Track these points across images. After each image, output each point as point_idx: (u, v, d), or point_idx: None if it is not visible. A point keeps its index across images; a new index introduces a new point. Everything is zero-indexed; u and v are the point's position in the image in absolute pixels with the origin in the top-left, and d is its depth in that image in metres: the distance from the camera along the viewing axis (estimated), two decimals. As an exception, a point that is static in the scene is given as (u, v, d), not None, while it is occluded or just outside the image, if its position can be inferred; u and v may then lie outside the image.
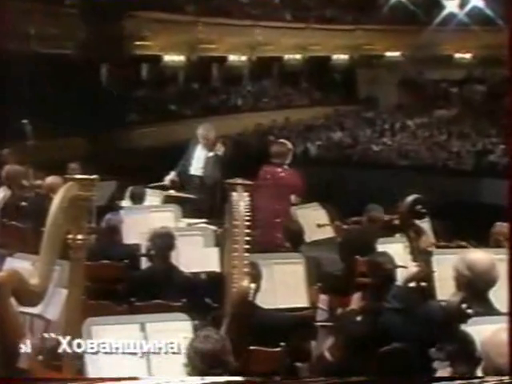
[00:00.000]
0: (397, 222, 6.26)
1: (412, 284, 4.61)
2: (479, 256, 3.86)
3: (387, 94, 21.67)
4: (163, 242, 5.23)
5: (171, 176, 8.47)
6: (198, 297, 5.14)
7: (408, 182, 11.83)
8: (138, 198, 7.42)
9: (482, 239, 5.90)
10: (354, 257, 6.09)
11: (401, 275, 4.63)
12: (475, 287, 3.72)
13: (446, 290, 4.29)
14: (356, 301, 4.61)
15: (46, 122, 12.63)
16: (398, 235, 6.06)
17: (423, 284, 4.51)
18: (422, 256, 4.42)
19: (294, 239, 6.00)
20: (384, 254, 4.71)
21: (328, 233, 7.22)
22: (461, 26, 21.18)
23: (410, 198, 4.32)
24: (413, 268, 4.50)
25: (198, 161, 8.58)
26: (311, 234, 7.02)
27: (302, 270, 5.28)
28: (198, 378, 3.10)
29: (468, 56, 21.75)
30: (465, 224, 6.10)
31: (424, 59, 21.28)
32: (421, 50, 21.42)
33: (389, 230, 6.40)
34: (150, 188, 7.85)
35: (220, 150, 8.62)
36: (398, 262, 4.69)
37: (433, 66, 21.47)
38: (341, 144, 18.02)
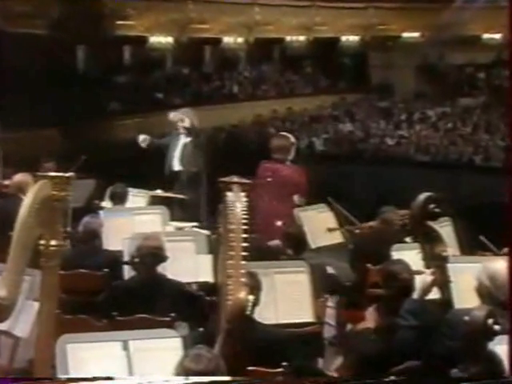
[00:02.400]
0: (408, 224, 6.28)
1: (428, 296, 4.62)
2: (502, 265, 3.87)
3: (404, 81, 21.69)
4: (149, 248, 5.23)
5: (142, 137, 8.54)
6: (189, 311, 5.15)
7: (428, 181, 11.82)
8: (119, 199, 7.44)
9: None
10: (365, 265, 6.12)
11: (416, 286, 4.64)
12: (496, 300, 3.74)
13: (465, 302, 4.31)
14: (371, 317, 4.61)
15: (13, 111, 12.63)
16: (407, 240, 6.08)
17: (439, 295, 4.52)
18: (435, 262, 4.43)
19: (295, 245, 6.01)
20: (400, 261, 4.72)
21: (336, 238, 7.24)
22: (489, 2, 21.20)
23: (422, 197, 4.34)
24: (427, 277, 4.52)
25: (181, 154, 8.62)
26: (317, 240, 7.04)
27: (306, 279, 5.29)
28: (182, 377, 3.12)
29: (497, 37, 21.76)
30: (492, 227, 6.10)
31: (446, 41, 21.30)
32: (442, 31, 21.43)
33: (403, 235, 6.41)
34: (133, 187, 7.87)
35: (201, 138, 8.67)
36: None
37: (456, 48, 21.50)
38: (351, 137, 18.04)
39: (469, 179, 13.61)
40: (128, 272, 5.58)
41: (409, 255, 5.03)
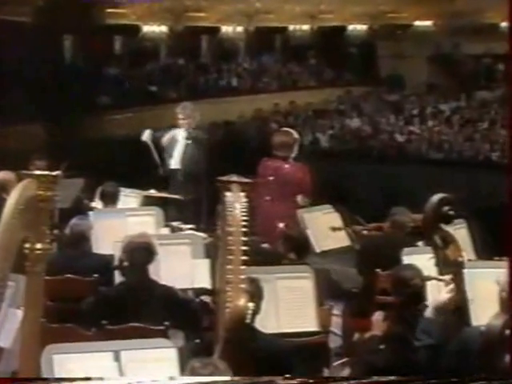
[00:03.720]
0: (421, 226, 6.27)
1: (444, 312, 4.62)
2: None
3: (415, 73, 21.68)
4: (141, 252, 5.24)
5: (147, 133, 8.58)
6: (185, 319, 5.15)
7: (441, 180, 11.84)
8: (110, 199, 7.44)
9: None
10: (374, 270, 6.12)
11: (431, 303, 4.64)
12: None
13: (481, 309, 4.31)
14: (377, 324, 4.62)
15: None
16: (420, 244, 6.08)
17: (456, 307, 4.52)
18: (450, 269, 4.43)
19: (297, 249, 6.02)
20: (411, 266, 4.72)
21: (342, 241, 7.24)
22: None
23: (436, 198, 4.34)
24: (445, 295, 4.51)
25: (178, 151, 8.63)
26: (322, 243, 7.05)
27: (310, 286, 5.29)
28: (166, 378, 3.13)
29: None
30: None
31: (461, 29, 21.30)
32: (457, 19, 21.43)
33: (416, 238, 6.41)
34: (124, 186, 7.87)
35: (200, 134, 8.68)
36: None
37: (472, 37, 21.49)
38: (358, 133, 18.04)
39: (485, 178, 13.60)
40: (119, 277, 5.58)
41: (420, 260, 5.04)
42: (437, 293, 4.82)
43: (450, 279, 4.48)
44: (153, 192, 8.25)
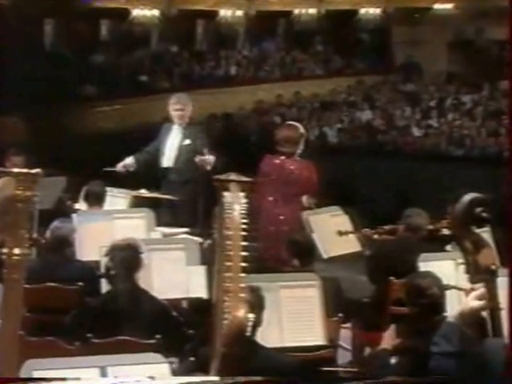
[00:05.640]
0: (447, 230, 6.28)
1: (471, 319, 4.61)
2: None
3: (434, 60, 21.69)
4: (129, 258, 5.25)
5: (128, 162, 8.52)
6: (178, 332, 5.16)
7: (462, 178, 11.84)
8: (95, 200, 7.46)
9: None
10: (387, 278, 6.13)
11: (455, 306, 4.63)
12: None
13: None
14: (389, 338, 4.63)
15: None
16: (448, 249, 6.09)
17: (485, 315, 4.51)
18: (481, 277, 4.42)
19: (302, 255, 6.03)
20: (429, 274, 4.74)
21: (352, 246, 7.26)
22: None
23: (467, 198, 4.32)
24: (473, 302, 4.50)
25: (171, 148, 8.63)
26: (329, 248, 7.06)
27: (317, 295, 5.31)
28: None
29: (544, 8, 21.76)
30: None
31: (485, 13, 21.31)
32: (481, 1, 21.44)
33: (435, 243, 6.42)
34: (112, 186, 7.89)
35: (200, 137, 8.67)
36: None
37: (497, 21, 21.49)
38: (370, 127, 18.05)
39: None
40: (105, 286, 5.60)
41: (440, 267, 5.05)
42: (457, 303, 4.83)
43: (477, 288, 4.46)
44: (143, 192, 8.26)
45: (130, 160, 8.55)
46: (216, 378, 3.51)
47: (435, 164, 14.64)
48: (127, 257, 5.25)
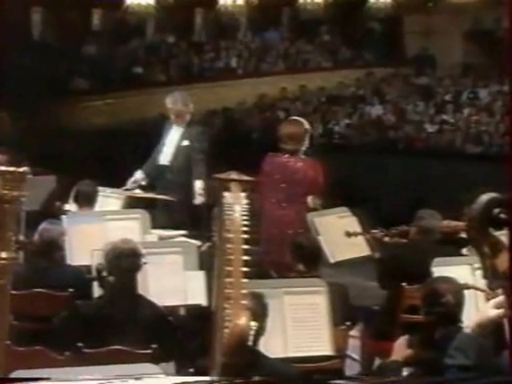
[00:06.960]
0: (462, 232, 6.28)
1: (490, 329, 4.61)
2: None
3: (449, 51, 21.69)
4: (123, 262, 5.25)
5: (138, 176, 8.52)
6: (175, 341, 5.16)
7: (479, 177, 11.84)
8: (87, 200, 7.46)
9: None
10: (398, 284, 6.13)
11: (471, 316, 4.63)
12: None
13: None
14: (400, 348, 4.62)
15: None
16: (464, 252, 6.09)
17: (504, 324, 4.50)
18: (501, 282, 4.41)
19: (307, 259, 6.03)
20: (446, 279, 4.73)
21: (361, 249, 7.25)
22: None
23: (485, 198, 4.32)
24: (492, 310, 4.49)
25: (169, 147, 8.64)
26: (337, 252, 7.06)
27: (323, 302, 5.31)
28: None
29: None
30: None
31: (503, 0, 21.30)
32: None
33: (450, 246, 6.42)
34: (104, 185, 7.89)
35: (199, 139, 8.67)
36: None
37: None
38: (380, 123, 18.05)
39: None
40: (97, 292, 5.60)
41: (455, 272, 5.05)
42: (474, 310, 4.82)
43: (498, 305, 4.45)
44: (138, 192, 8.26)
45: (139, 174, 8.56)
46: (210, 378, 3.52)
47: (450, 162, 14.64)
48: (125, 260, 5.25)
